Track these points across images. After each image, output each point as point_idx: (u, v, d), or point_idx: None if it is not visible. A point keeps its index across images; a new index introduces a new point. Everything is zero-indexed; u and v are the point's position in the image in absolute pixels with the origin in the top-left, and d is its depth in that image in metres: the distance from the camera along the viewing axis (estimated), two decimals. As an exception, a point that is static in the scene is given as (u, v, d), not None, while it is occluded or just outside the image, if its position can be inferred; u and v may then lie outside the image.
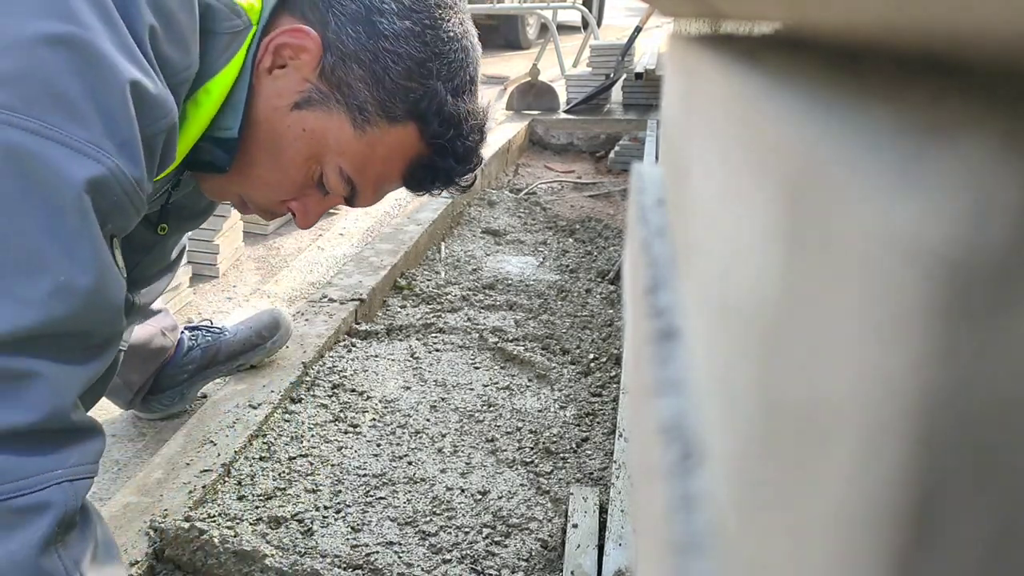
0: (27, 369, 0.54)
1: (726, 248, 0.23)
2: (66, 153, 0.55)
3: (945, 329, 0.10)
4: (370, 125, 0.76)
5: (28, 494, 0.53)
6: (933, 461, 0.10)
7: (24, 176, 0.54)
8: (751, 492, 0.19)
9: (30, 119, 0.54)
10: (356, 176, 0.78)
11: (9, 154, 0.54)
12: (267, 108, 0.75)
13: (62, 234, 0.56)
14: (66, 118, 0.56)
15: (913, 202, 0.11)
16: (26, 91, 0.54)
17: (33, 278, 0.54)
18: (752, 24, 0.33)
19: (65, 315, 0.56)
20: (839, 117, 0.16)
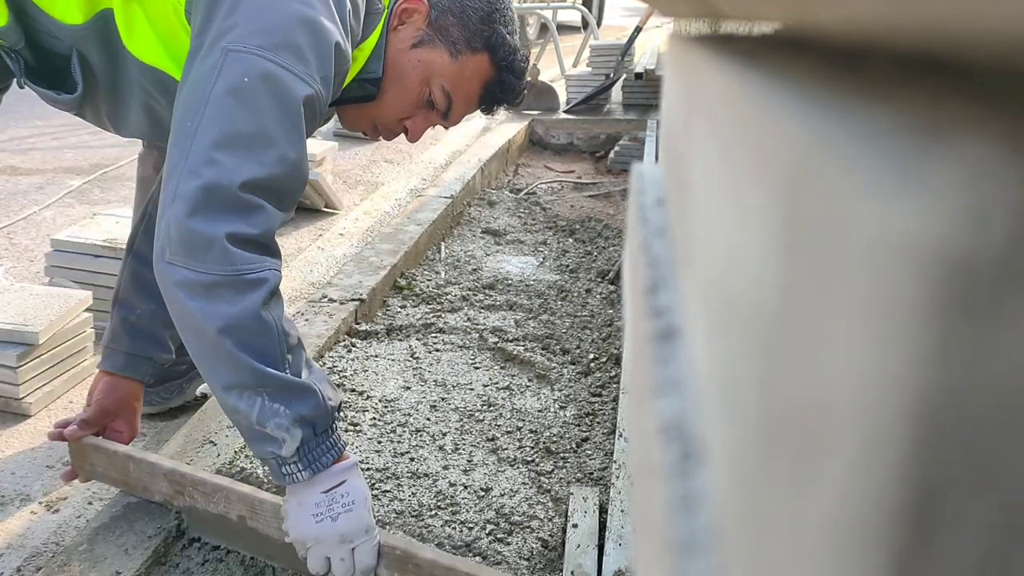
0: (259, 203, 0.88)
1: (726, 248, 0.23)
2: (295, 79, 0.91)
3: (945, 329, 0.10)
4: (460, 54, 1.10)
5: (255, 273, 0.87)
6: (932, 461, 0.10)
7: (272, 87, 0.89)
8: (751, 492, 0.19)
9: (276, 56, 0.90)
10: (453, 91, 1.12)
11: (264, 74, 0.89)
12: (395, 51, 1.10)
13: (287, 126, 0.90)
14: (297, 59, 0.91)
15: (913, 202, 0.11)
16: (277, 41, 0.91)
17: (268, 149, 0.88)
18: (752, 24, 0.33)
19: (281, 174, 0.89)
20: (839, 117, 0.16)
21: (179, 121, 0.90)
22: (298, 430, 0.89)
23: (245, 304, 0.85)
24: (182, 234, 0.84)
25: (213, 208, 0.85)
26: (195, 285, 0.85)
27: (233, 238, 0.85)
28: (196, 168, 0.85)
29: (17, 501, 1.20)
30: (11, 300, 1.46)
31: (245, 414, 0.88)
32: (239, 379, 0.87)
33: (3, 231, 2.30)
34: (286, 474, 0.91)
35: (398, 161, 3.29)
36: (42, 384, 1.44)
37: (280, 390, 0.88)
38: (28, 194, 2.62)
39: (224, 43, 0.90)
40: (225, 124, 0.87)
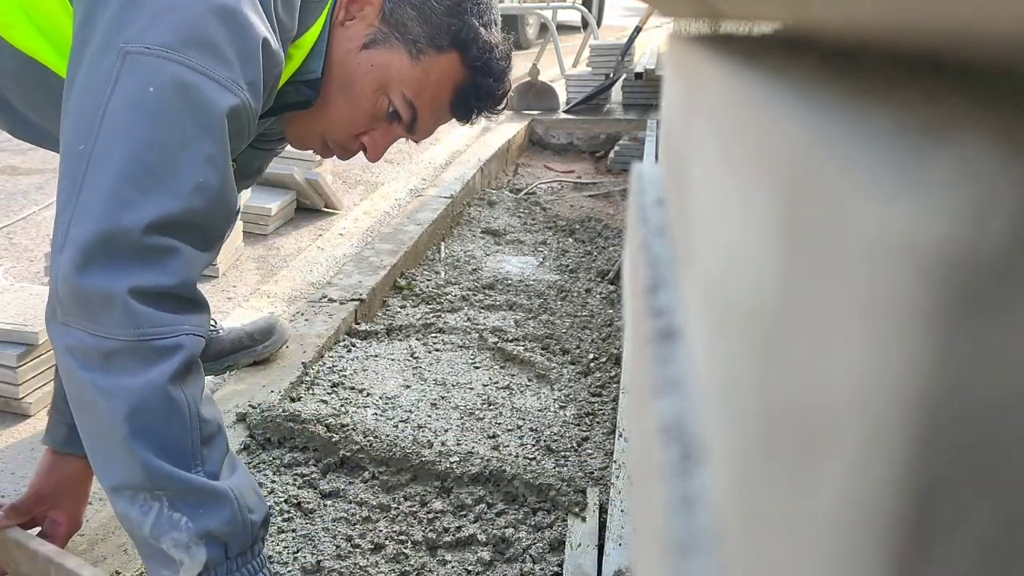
0: (171, 246, 0.71)
1: (726, 248, 0.23)
2: (215, 86, 0.74)
3: (945, 329, 0.10)
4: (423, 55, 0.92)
5: (167, 338, 0.70)
6: (932, 461, 0.10)
7: (184, 99, 0.72)
8: (751, 492, 0.19)
9: (189, 58, 0.73)
10: (416, 99, 0.94)
11: (175, 82, 0.72)
12: (341, 52, 0.92)
13: (206, 146, 0.73)
14: (216, 61, 0.74)
15: (912, 202, 0.11)
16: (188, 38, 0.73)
17: (182, 176, 0.72)
18: (752, 24, 0.33)
19: (200, 207, 0.73)
20: (839, 117, 0.16)
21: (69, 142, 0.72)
22: (201, 550, 0.71)
23: (150, 377, 0.69)
24: (73, 291, 0.68)
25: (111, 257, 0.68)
26: (91, 352, 0.69)
27: (139, 292, 0.69)
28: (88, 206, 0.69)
29: (17, 501, 1.20)
30: (11, 300, 1.46)
31: (137, 523, 0.71)
32: (132, 478, 0.70)
33: (3, 231, 2.30)
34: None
35: (398, 161, 3.29)
36: (42, 384, 1.44)
37: (183, 495, 0.70)
38: (28, 194, 2.62)
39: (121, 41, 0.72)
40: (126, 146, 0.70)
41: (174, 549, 0.71)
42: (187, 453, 0.71)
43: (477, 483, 1.24)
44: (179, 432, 0.71)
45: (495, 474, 1.24)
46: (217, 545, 0.72)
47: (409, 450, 1.28)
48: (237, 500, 0.73)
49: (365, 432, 1.32)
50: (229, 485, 0.73)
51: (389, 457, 1.28)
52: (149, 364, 0.69)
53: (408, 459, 1.27)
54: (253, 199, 2.28)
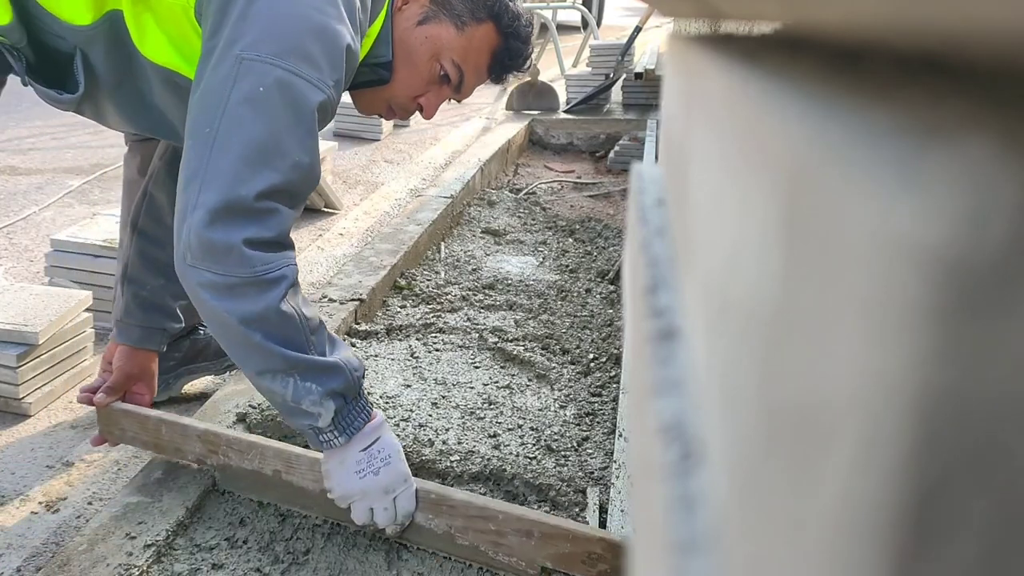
0: (274, 207, 0.92)
1: (726, 248, 0.23)
2: (309, 86, 0.94)
3: (945, 329, 0.10)
4: (466, 26, 1.13)
5: (273, 272, 0.92)
6: (933, 461, 0.10)
7: (286, 97, 0.92)
8: (751, 492, 0.19)
9: (290, 64, 0.92)
10: (463, 63, 1.14)
11: (279, 83, 0.92)
12: (401, 31, 1.12)
13: (301, 133, 0.93)
14: (310, 66, 0.94)
15: (912, 202, 0.11)
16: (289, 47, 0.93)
17: (284, 156, 0.92)
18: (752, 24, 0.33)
19: (296, 179, 0.93)
20: (839, 117, 0.16)
21: (196, 125, 0.93)
22: (331, 402, 0.96)
23: (268, 301, 0.91)
24: (202, 242, 0.89)
25: (231, 217, 0.89)
26: (219, 286, 0.90)
27: (250, 242, 0.90)
28: (215, 178, 0.89)
29: (17, 501, 1.20)
30: (11, 300, 1.46)
31: (280, 395, 0.95)
32: (270, 365, 0.93)
33: (3, 231, 2.30)
34: (324, 441, 0.99)
35: (398, 161, 3.29)
36: (42, 384, 1.44)
37: (309, 370, 0.95)
38: (28, 194, 2.62)
39: (238, 50, 0.92)
40: (242, 134, 0.90)
41: (312, 406, 0.96)
42: (303, 342, 0.95)
43: (477, 482, 1.24)
44: (295, 331, 0.94)
45: (495, 473, 1.24)
46: (339, 397, 0.98)
47: (410, 449, 1.28)
48: (346, 365, 0.98)
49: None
50: (338, 357, 0.98)
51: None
52: (264, 291, 0.91)
53: (408, 458, 1.27)
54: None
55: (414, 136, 3.73)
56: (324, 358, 0.96)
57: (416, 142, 3.60)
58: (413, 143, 3.59)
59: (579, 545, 0.98)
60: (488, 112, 4.13)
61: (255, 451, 1.13)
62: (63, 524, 1.14)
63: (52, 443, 1.35)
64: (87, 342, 1.54)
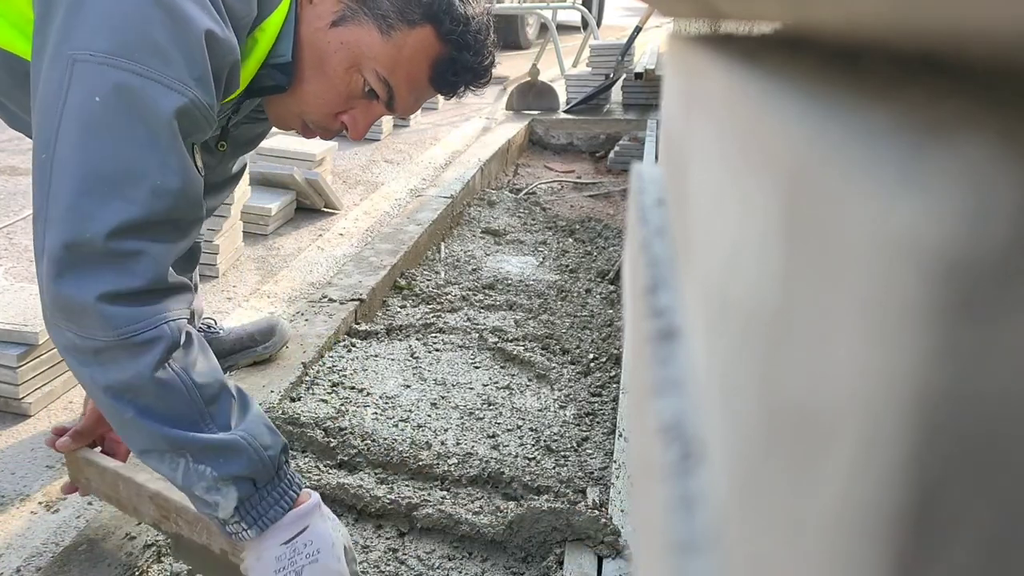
0: (136, 249, 0.74)
1: (726, 248, 0.23)
2: (159, 88, 0.75)
3: (945, 329, 0.10)
4: (394, 30, 0.91)
5: (143, 332, 0.74)
6: (933, 461, 0.10)
7: (130, 106, 0.74)
8: (751, 492, 0.19)
9: (132, 63, 0.74)
10: (390, 76, 0.93)
11: (118, 90, 0.73)
12: (310, 31, 0.91)
13: (158, 150, 0.75)
14: (159, 61, 0.75)
15: (912, 202, 0.11)
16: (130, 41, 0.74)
17: (138, 183, 0.74)
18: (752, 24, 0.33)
19: (161, 209, 0.75)
20: (839, 117, 0.16)
21: (35, 151, 0.76)
22: (232, 489, 0.79)
23: (138, 368, 0.74)
24: (53, 299, 0.74)
25: (79, 267, 0.72)
26: (82, 350, 0.75)
27: (108, 297, 0.73)
28: (55, 218, 0.73)
29: (17, 501, 1.20)
30: (11, 300, 1.46)
31: (170, 477, 0.79)
32: (153, 444, 0.77)
33: (3, 231, 2.30)
34: (232, 533, 0.82)
35: (398, 161, 3.29)
36: (42, 384, 1.44)
37: (203, 452, 0.77)
38: (28, 194, 2.62)
39: (68, 48, 0.74)
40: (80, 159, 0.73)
41: (207, 494, 0.79)
42: (194, 417, 0.77)
43: (475, 485, 1.24)
44: (180, 404, 0.77)
45: (493, 476, 1.24)
46: (245, 482, 0.80)
47: (407, 452, 1.28)
48: (250, 444, 0.80)
49: (363, 435, 1.32)
50: (241, 433, 0.79)
51: (387, 462, 1.28)
52: (135, 356, 0.74)
53: (405, 462, 1.27)
54: (253, 199, 2.28)
55: (414, 136, 3.73)
56: (220, 436, 0.78)
57: (416, 142, 3.60)
58: (413, 143, 3.59)
59: None
60: (488, 112, 4.13)
61: (202, 524, 0.95)
62: (63, 524, 1.14)
63: (52, 443, 1.35)
64: (87, 342, 1.54)
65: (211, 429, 0.78)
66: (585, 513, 1.09)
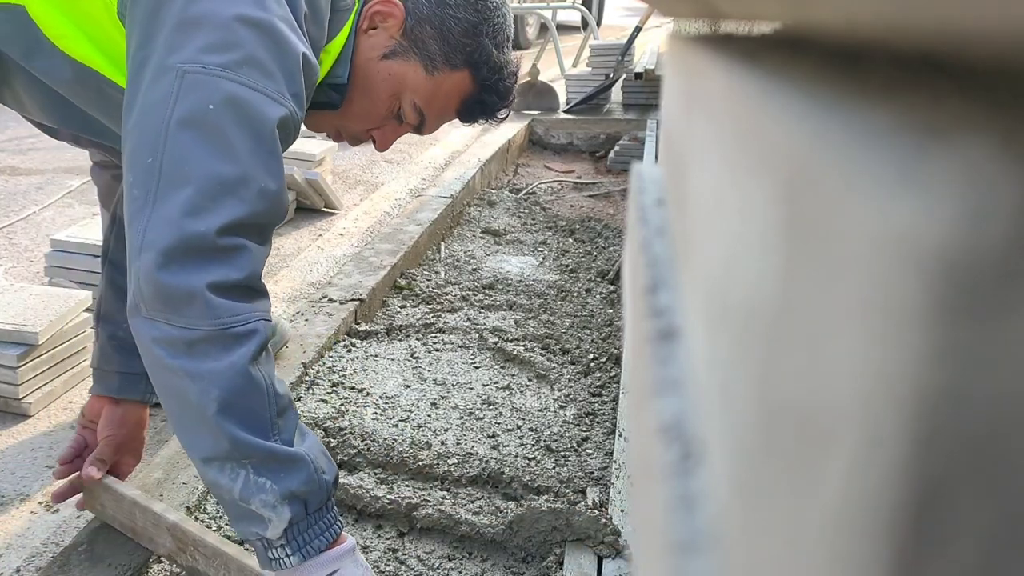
0: (240, 244, 0.79)
1: (726, 248, 0.23)
2: (265, 100, 0.82)
3: (945, 329, 0.10)
4: (437, 71, 1.01)
5: (243, 325, 0.78)
6: (933, 461, 0.10)
7: (240, 115, 0.80)
8: (751, 492, 0.19)
9: (241, 76, 0.80)
10: (425, 108, 1.04)
11: (230, 99, 0.79)
12: (364, 59, 1.01)
13: (264, 156, 0.81)
14: (264, 76, 0.82)
15: (912, 202, 0.11)
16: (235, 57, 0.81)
17: (247, 185, 0.79)
18: (752, 24, 0.33)
19: (263, 210, 0.81)
20: (839, 117, 0.16)
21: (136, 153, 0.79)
22: (286, 508, 0.80)
23: (233, 360, 0.77)
24: (157, 289, 0.76)
25: (190, 258, 0.76)
26: (176, 342, 0.76)
27: (216, 287, 0.77)
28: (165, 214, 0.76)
29: (17, 501, 1.20)
30: (11, 300, 1.46)
31: (227, 489, 0.79)
32: (220, 449, 0.78)
33: (3, 231, 2.30)
34: (272, 559, 0.82)
35: (398, 161, 3.29)
36: (42, 384, 1.44)
37: (267, 461, 0.79)
38: (28, 194, 2.62)
39: (177, 61, 0.79)
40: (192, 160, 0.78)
41: (263, 509, 0.79)
42: (266, 425, 0.79)
43: (475, 485, 1.24)
44: (260, 407, 0.79)
45: (493, 476, 1.24)
46: (299, 503, 0.81)
47: (407, 452, 1.28)
48: (313, 463, 0.81)
49: (363, 435, 1.32)
50: (304, 450, 0.81)
51: (387, 462, 1.27)
52: (230, 349, 0.77)
53: (405, 462, 1.27)
54: (253, 199, 2.28)
55: (414, 136, 3.73)
56: (287, 448, 0.80)
57: (416, 142, 3.60)
58: (413, 143, 3.59)
59: None
60: (488, 112, 4.13)
61: (219, 560, 0.96)
62: (63, 524, 1.14)
63: (52, 443, 1.35)
64: (87, 342, 1.54)
65: (278, 441, 0.80)
66: (585, 513, 1.09)
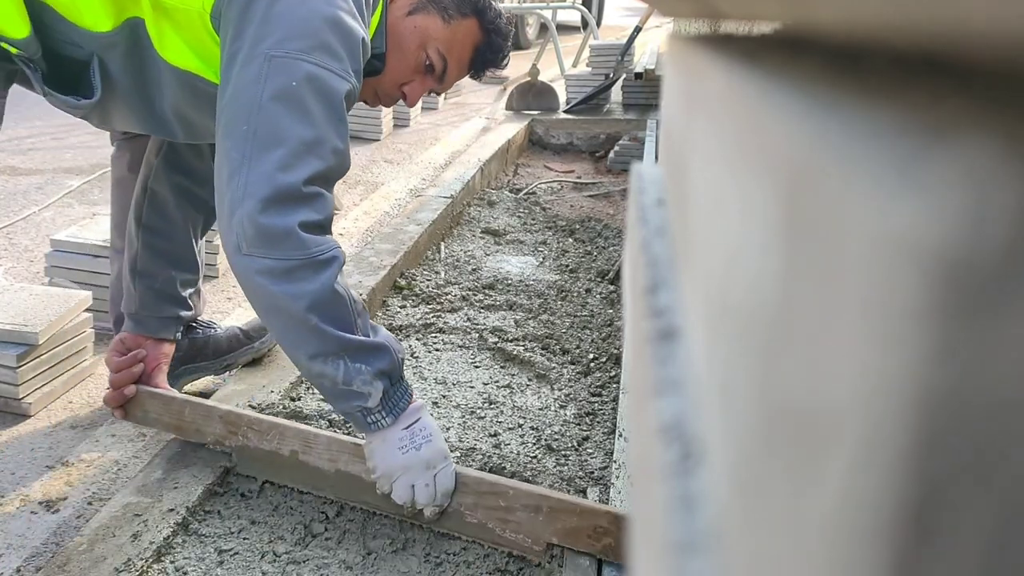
0: (319, 192, 0.99)
1: (726, 248, 0.23)
2: (335, 78, 1.01)
3: (945, 329, 0.10)
4: (452, 19, 1.21)
5: (326, 253, 0.98)
6: (932, 461, 0.10)
7: (318, 90, 0.99)
8: (751, 492, 0.19)
9: (316, 57, 1.00)
10: (447, 54, 1.22)
11: (309, 77, 0.99)
12: (393, 20, 1.21)
13: (336, 122, 1.01)
14: (333, 59, 1.02)
15: (913, 202, 0.11)
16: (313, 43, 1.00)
17: (324, 144, 0.99)
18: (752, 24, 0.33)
19: (336, 165, 1.01)
20: (839, 117, 0.16)
21: (232, 124, 0.98)
22: (379, 383, 1.02)
23: (323, 280, 0.97)
24: (258, 230, 0.94)
25: (284, 203, 0.95)
26: (276, 271, 0.95)
27: (305, 225, 0.96)
28: (262, 170, 0.95)
29: (17, 501, 1.20)
30: (11, 300, 1.46)
31: (331, 377, 1.00)
32: (324, 348, 0.98)
33: (3, 231, 2.30)
34: (371, 423, 1.04)
35: (398, 161, 3.29)
36: (42, 384, 1.44)
37: (360, 351, 1.01)
38: (28, 194, 2.62)
39: (264, 49, 0.98)
40: (282, 126, 0.97)
41: (363, 386, 1.01)
42: (352, 324, 1.01)
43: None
44: (346, 312, 1.00)
45: (495, 472, 1.24)
46: (386, 378, 1.03)
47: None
48: (391, 347, 1.04)
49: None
50: (383, 339, 1.04)
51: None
52: (320, 271, 0.97)
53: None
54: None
55: (414, 136, 3.73)
56: (372, 338, 1.02)
57: (416, 142, 3.60)
58: (413, 143, 3.59)
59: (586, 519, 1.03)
60: (488, 112, 4.13)
61: (275, 431, 1.17)
62: (63, 524, 1.14)
63: (52, 443, 1.35)
64: (87, 342, 1.54)
65: (361, 334, 1.01)
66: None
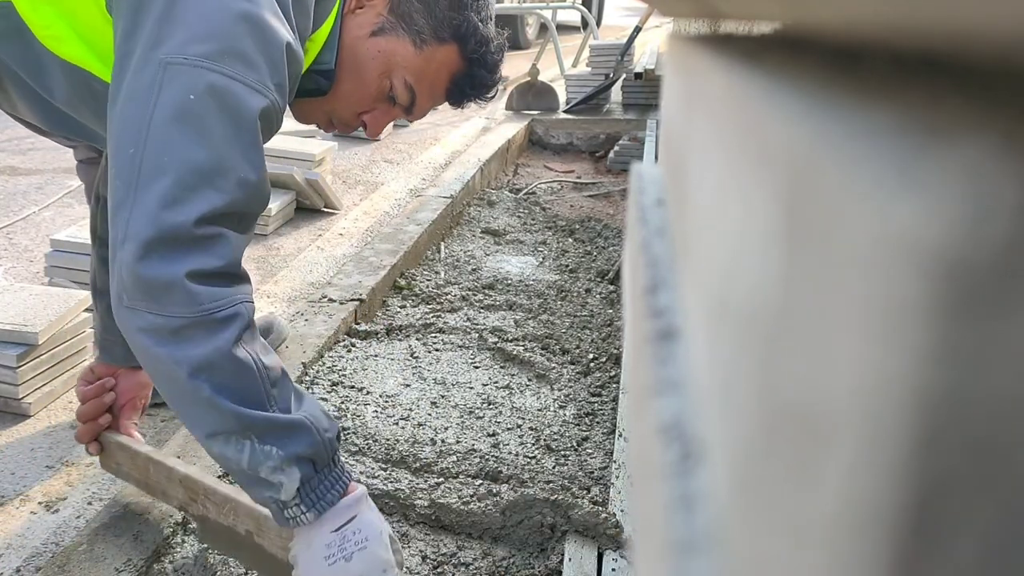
0: (219, 233, 0.80)
1: (726, 248, 0.23)
2: (247, 90, 0.82)
3: (945, 329, 0.10)
4: (426, 45, 1.02)
5: (224, 309, 0.80)
6: (933, 461, 0.10)
7: (221, 105, 0.81)
8: (751, 492, 0.19)
9: (223, 66, 0.81)
10: (416, 84, 1.03)
11: (211, 89, 0.80)
12: (351, 39, 1.01)
13: (243, 145, 0.82)
14: (246, 67, 0.83)
15: (913, 202, 0.11)
16: (221, 48, 0.81)
17: (226, 175, 0.80)
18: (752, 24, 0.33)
19: (242, 199, 0.82)
20: (839, 117, 0.16)
21: (118, 145, 0.81)
22: (295, 470, 0.83)
23: (217, 344, 0.79)
24: (137, 279, 0.77)
25: (168, 248, 0.78)
26: (161, 330, 0.78)
27: (195, 275, 0.78)
28: (146, 205, 0.78)
29: (17, 501, 1.20)
30: (11, 300, 1.46)
31: (235, 460, 0.82)
32: (222, 425, 0.80)
33: (3, 231, 2.30)
34: (289, 518, 0.85)
35: (398, 161, 3.29)
36: (42, 384, 1.44)
37: (269, 430, 0.82)
38: (28, 194, 2.62)
39: (161, 54, 0.80)
40: (173, 152, 0.79)
41: (272, 474, 0.82)
42: (262, 397, 0.82)
43: (476, 479, 1.24)
44: (252, 382, 0.81)
45: (493, 473, 1.24)
46: (306, 463, 0.84)
47: (407, 450, 1.28)
48: (313, 424, 0.84)
49: (366, 436, 1.32)
50: (303, 414, 0.84)
51: (388, 459, 1.27)
52: (214, 333, 0.79)
53: (405, 459, 1.27)
54: (253, 199, 2.28)
55: (414, 136, 3.73)
56: (287, 415, 0.83)
57: (416, 142, 3.60)
58: (413, 143, 3.59)
59: None
60: (488, 112, 4.13)
61: (229, 506, 1.00)
62: (63, 524, 1.14)
63: (52, 443, 1.35)
64: (87, 342, 1.54)
65: (276, 410, 0.83)
66: (585, 508, 1.09)
